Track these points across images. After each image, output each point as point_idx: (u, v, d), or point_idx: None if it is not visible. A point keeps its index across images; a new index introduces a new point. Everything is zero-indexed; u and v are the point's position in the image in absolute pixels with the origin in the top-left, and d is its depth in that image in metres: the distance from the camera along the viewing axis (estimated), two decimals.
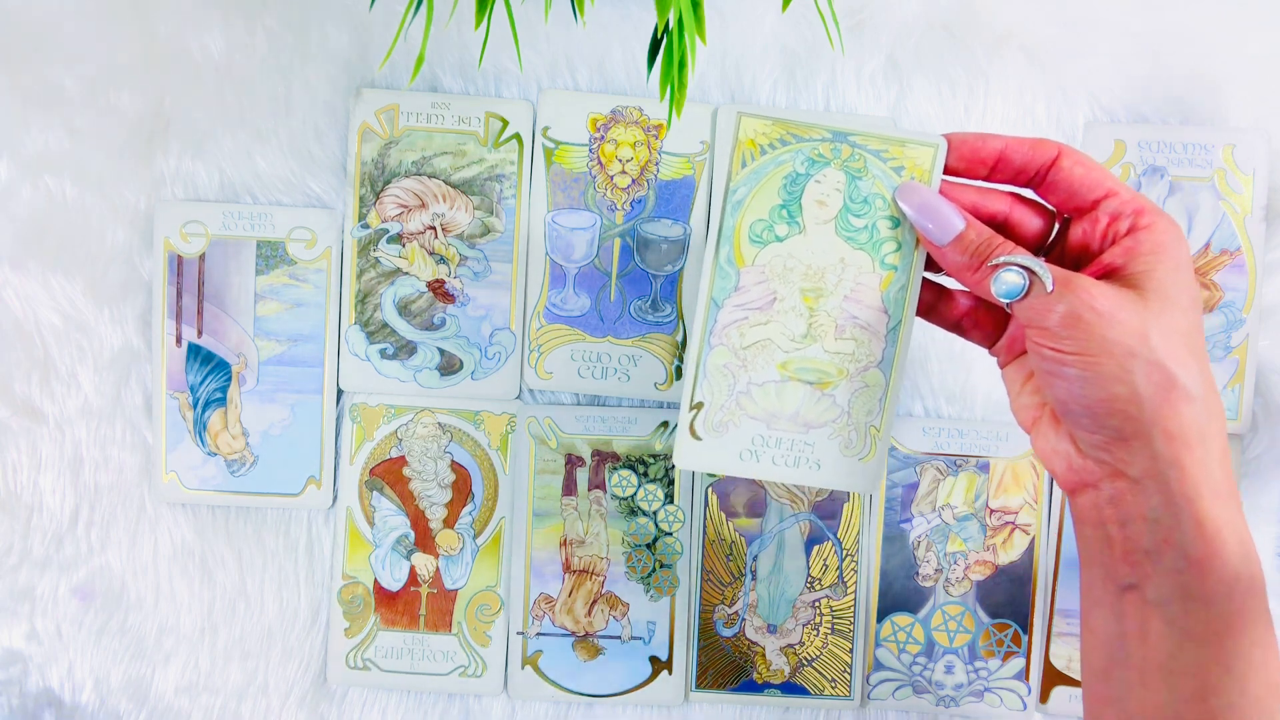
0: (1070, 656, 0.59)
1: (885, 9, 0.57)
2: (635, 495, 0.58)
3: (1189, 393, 0.35)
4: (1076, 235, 0.39)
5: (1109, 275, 0.37)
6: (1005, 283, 0.37)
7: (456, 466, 0.59)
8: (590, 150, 0.57)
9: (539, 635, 0.59)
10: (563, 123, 0.57)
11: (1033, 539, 0.58)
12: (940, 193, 0.40)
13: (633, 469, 0.58)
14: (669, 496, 0.58)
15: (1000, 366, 0.43)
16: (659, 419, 0.58)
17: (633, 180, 0.58)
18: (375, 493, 0.59)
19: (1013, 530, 0.58)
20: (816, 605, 0.59)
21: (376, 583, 0.59)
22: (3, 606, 0.59)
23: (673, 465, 0.58)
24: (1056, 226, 0.41)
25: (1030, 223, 0.41)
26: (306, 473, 0.59)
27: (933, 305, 0.43)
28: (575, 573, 0.59)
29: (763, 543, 0.58)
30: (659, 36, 0.41)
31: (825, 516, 0.58)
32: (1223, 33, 0.57)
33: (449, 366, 0.58)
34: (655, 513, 0.58)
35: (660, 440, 0.58)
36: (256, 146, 0.58)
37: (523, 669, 0.59)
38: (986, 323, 0.43)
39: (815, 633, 0.59)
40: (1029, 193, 0.41)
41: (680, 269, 0.58)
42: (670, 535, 0.58)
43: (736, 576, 0.59)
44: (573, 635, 0.59)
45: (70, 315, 0.58)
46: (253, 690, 0.59)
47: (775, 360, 0.42)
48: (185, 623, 0.59)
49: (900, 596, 0.59)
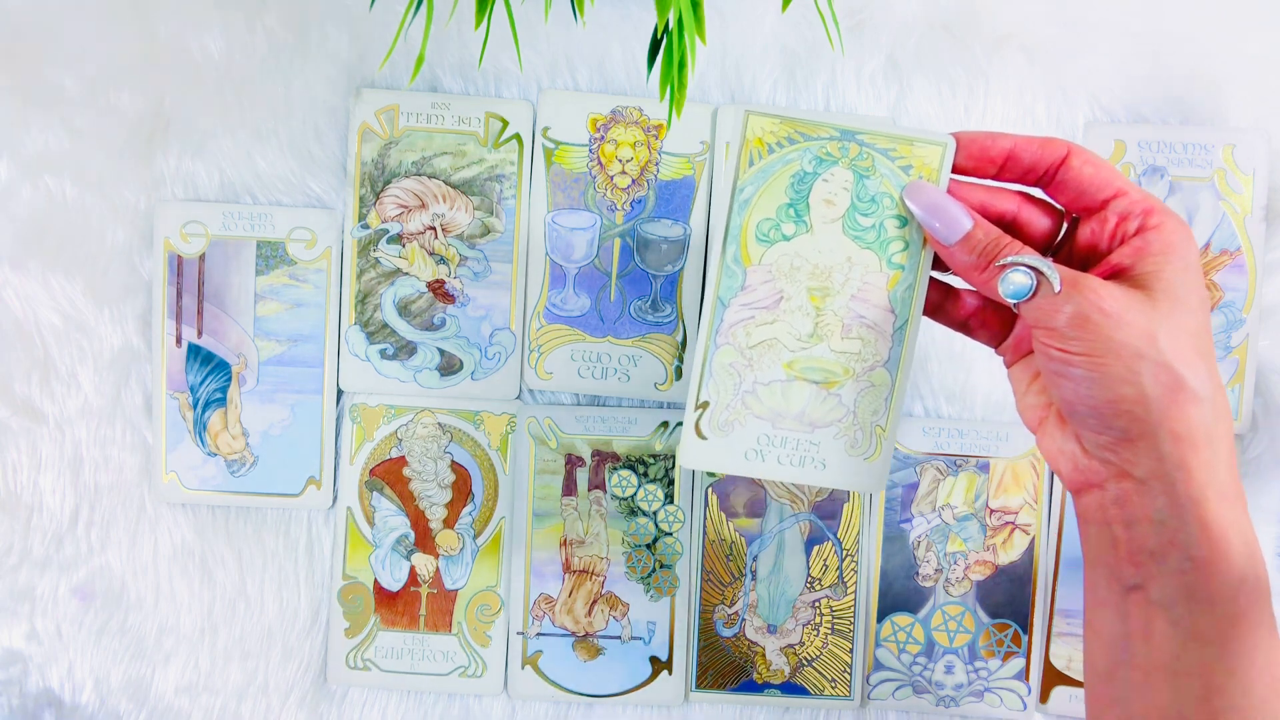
0: (1070, 656, 0.59)
1: (885, 9, 0.57)
2: (635, 495, 0.58)
3: (1196, 394, 0.35)
4: (1085, 235, 0.39)
5: (1117, 275, 0.37)
6: (1013, 283, 0.37)
7: (456, 467, 0.59)
8: (590, 150, 0.57)
9: (539, 635, 0.59)
10: (563, 123, 0.57)
11: (1033, 539, 0.58)
12: (948, 192, 0.40)
13: (633, 469, 0.58)
14: (669, 496, 0.58)
15: (1006, 366, 0.43)
16: (659, 419, 0.58)
17: (633, 180, 0.58)
18: (375, 493, 0.59)
19: (1013, 530, 0.58)
20: (816, 605, 0.59)
21: (376, 583, 0.59)
22: (3, 606, 0.59)
23: (673, 465, 0.58)
24: (1065, 226, 0.41)
25: (1039, 222, 0.41)
26: (306, 473, 0.59)
27: (940, 305, 0.43)
28: (575, 573, 0.59)
29: (763, 543, 0.58)
30: (659, 36, 0.41)
31: (825, 516, 0.58)
32: (1223, 33, 0.57)
33: (449, 367, 0.58)
34: (655, 513, 0.58)
35: (660, 440, 0.58)
36: (256, 146, 0.58)
37: (523, 669, 0.59)
38: (993, 322, 0.43)
39: (815, 633, 0.59)
40: (1038, 192, 0.41)
41: (680, 269, 0.58)
42: (670, 535, 0.58)
43: (736, 576, 0.59)
44: (573, 635, 0.59)
45: (70, 315, 0.58)
46: (253, 690, 0.59)
47: (781, 360, 0.42)
48: (185, 623, 0.59)
49: (900, 596, 0.59)
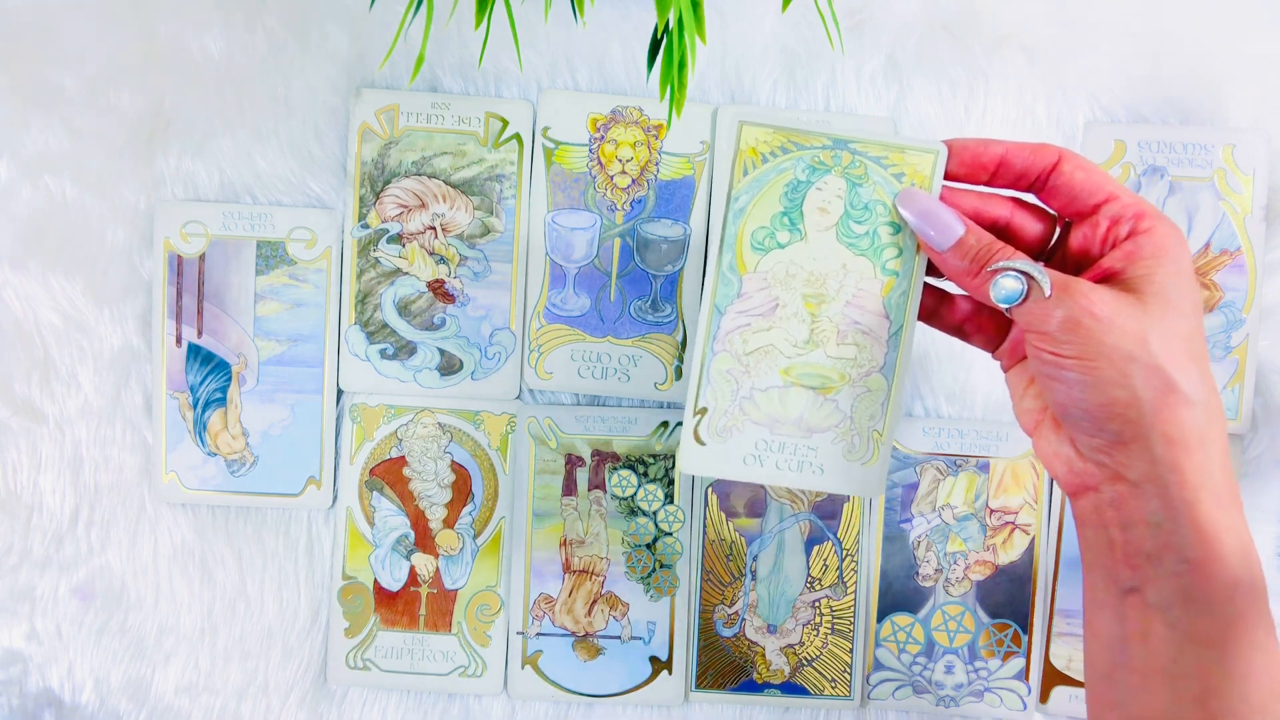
0: (1070, 656, 0.59)
1: (885, 9, 0.57)
2: (635, 495, 0.58)
3: (1188, 397, 0.35)
4: (1077, 240, 0.39)
5: (1109, 279, 0.37)
6: (1004, 288, 0.37)
7: (456, 466, 0.59)
8: (590, 150, 0.57)
9: (539, 635, 0.59)
10: (563, 123, 0.57)
11: (1033, 539, 0.58)
12: (941, 198, 0.40)
13: (633, 469, 0.58)
14: (669, 496, 0.58)
15: (1003, 370, 0.43)
16: (659, 419, 0.58)
17: (633, 180, 0.58)
18: (375, 493, 0.59)
19: (1013, 530, 0.58)
20: (816, 605, 0.59)
21: (376, 583, 0.59)
22: (3, 606, 0.59)
23: (673, 465, 0.58)
24: (1057, 231, 0.41)
25: (1031, 227, 0.41)
26: (306, 473, 0.59)
27: (934, 310, 0.43)
28: (575, 573, 0.59)
29: (763, 543, 0.58)
30: (659, 36, 0.41)
31: (825, 516, 0.58)
32: (1223, 33, 0.57)
33: (449, 366, 0.58)
34: (655, 513, 0.58)
35: (660, 440, 0.58)
36: (256, 146, 0.58)
37: (523, 669, 0.59)
38: (988, 327, 0.43)
39: (815, 633, 0.59)
40: (1030, 197, 0.41)
41: (680, 269, 0.58)
42: (670, 535, 0.58)
43: (736, 576, 0.59)
44: (573, 635, 0.59)
45: (70, 315, 0.58)
46: (253, 690, 0.59)
47: (778, 366, 0.42)
48: (185, 623, 0.59)
49: (900, 596, 0.59)
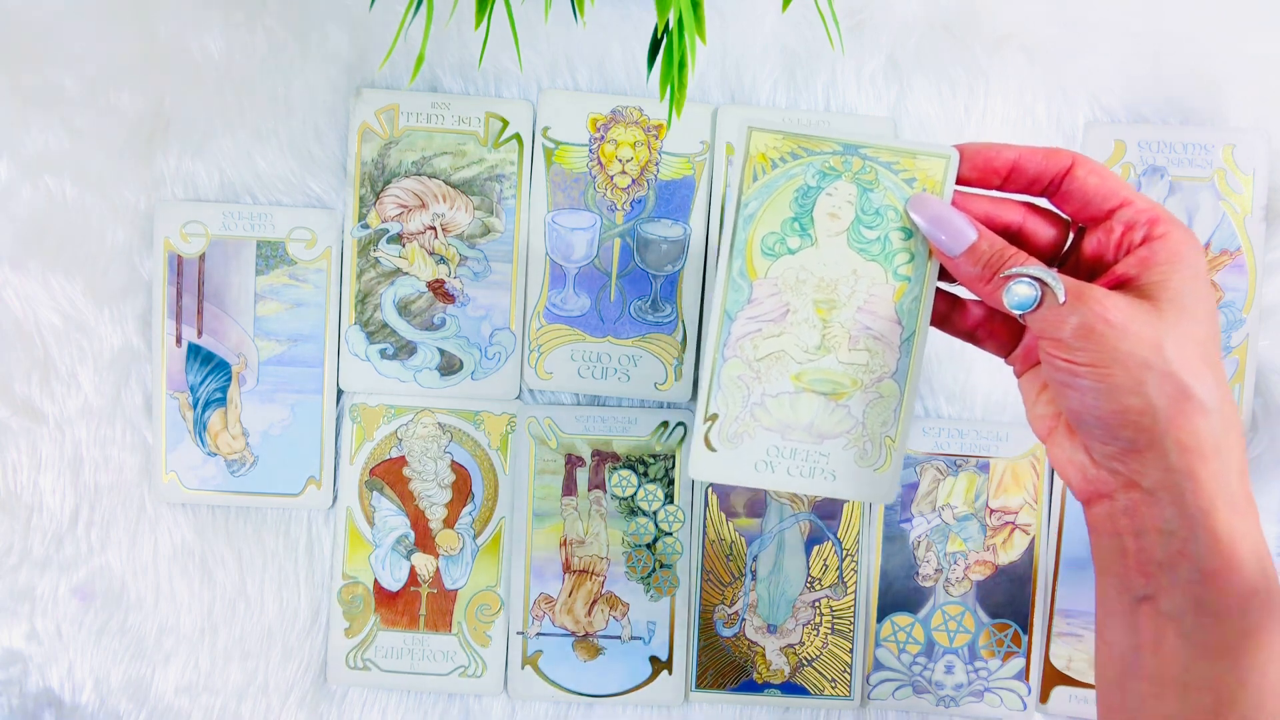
0: (1070, 656, 0.59)
1: (885, 9, 0.57)
2: (635, 495, 0.58)
3: (1204, 404, 0.34)
4: (1091, 245, 0.39)
5: (1124, 285, 0.37)
6: (1017, 294, 0.37)
7: (456, 466, 0.59)
8: (590, 150, 0.57)
9: (539, 635, 0.59)
10: (563, 123, 0.57)
11: (1033, 539, 0.58)
12: (953, 203, 0.40)
13: (633, 469, 0.58)
14: (669, 496, 0.58)
15: (1016, 375, 0.42)
16: (659, 419, 0.58)
17: (633, 180, 0.58)
18: (375, 493, 0.59)
19: (1013, 530, 0.58)
20: (816, 605, 0.59)
21: (376, 583, 0.59)
22: (3, 606, 0.59)
23: (673, 465, 0.58)
24: (1071, 236, 0.41)
25: (1044, 232, 0.40)
26: (306, 473, 0.59)
27: (946, 315, 0.43)
28: (575, 573, 0.59)
29: (763, 543, 0.58)
30: (659, 36, 0.41)
31: (825, 516, 0.58)
32: (1223, 33, 0.57)
33: (449, 366, 0.58)
34: (655, 513, 0.58)
35: (660, 440, 0.58)
36: (256, 146, 0.58)
37: (523, 669, 0.59)
38: (1001, 332, 0.42)
39: (815, 633, 0.59)
40: (1043, 202, 0.41)
41: (680, 269, 0.58)
42: (670, 535, 0.58)
43: (736, 576, 0.59)
44: (573, 635, 0.59)
45: (70, 315, 0.58)
46: (253, 690, 0.59)
47: (789, 372, 0.42)
48: (185, 623, 0.59)
49: (900, 596, 0.59)
